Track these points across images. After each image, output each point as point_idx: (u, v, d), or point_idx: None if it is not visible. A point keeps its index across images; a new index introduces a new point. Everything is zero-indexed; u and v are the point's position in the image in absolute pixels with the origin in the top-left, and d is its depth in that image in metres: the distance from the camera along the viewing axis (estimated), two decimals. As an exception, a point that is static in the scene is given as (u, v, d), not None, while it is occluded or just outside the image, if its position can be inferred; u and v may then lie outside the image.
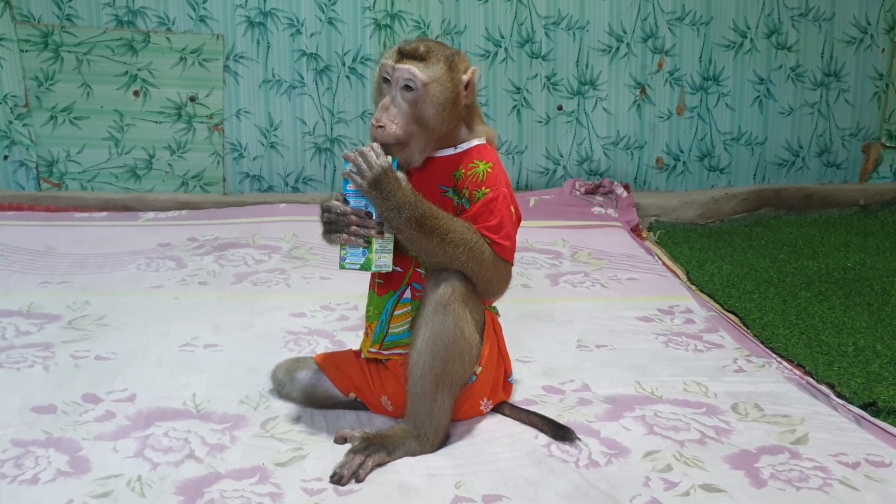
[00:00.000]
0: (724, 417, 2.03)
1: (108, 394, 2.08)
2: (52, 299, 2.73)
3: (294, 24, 3.91)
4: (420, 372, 1.81)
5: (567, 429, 1.91)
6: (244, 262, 3.15)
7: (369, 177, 1.74)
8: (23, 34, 3.83)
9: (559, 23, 4.00)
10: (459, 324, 1.81)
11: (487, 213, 1.84)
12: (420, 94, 1.81)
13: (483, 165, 1.86)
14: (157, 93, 3.92)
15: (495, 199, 1.84)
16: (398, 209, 1.75)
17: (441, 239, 1.77)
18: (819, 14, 4.08)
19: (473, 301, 1.87)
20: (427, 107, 1.81)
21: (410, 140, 1.83)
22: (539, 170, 4.12)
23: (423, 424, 1.83)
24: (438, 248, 1.78)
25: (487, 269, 1.83)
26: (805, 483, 1.75)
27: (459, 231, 1.80)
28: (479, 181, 1.85)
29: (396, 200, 1.75)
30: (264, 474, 1.73)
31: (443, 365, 1.80)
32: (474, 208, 1.84)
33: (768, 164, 4.21)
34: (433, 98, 1.81)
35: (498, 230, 1.84)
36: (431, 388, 1.81)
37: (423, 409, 1.82)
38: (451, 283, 1.81)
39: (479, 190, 1.84)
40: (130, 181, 3.99)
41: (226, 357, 2.32)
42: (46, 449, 1.81)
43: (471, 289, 1.85)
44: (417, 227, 1.76)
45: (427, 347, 1.80)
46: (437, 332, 1.80)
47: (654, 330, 2.60)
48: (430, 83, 1.81)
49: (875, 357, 2.46)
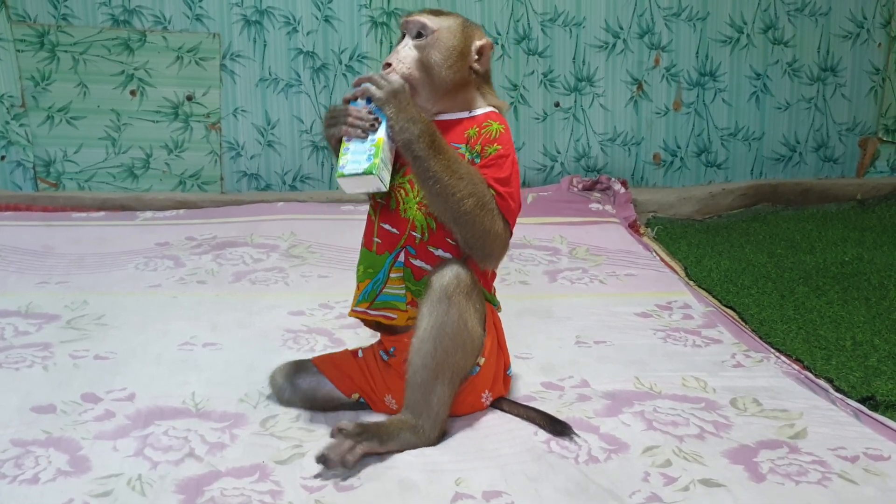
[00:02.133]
0: (722, 412, 2.02)
1: (107, 393, 2.07)
2: (51, 299, 2.73)
3: (290, 22, 3.91)
4: (421, 361, 1.80)
5: (564, 424, 1.90)
6: (242, 260, 3.15)
7: (387, 88, 1.79)
8: (19, 34, 3.83)
9: (556, 19, 4.00)
10: (463, 315, 1.80)
11: (497, 166, 1.86)
12: (430, 39, 1.88)
13: (496, 125, 1.91)
14: (154, 92, 3.92)
15: (506, 157, 1.88)
16: (413, 121, 1.77)
17: (448, 163, 1.77)
18: (815, 9, 4.08)
19: (477, 292, 1.86)
20: (434, 52, 1.87)
21: (417, 85, 1.88)
22: (537, 166, 4.13)
23: (420, 414, 1.82)
24: (444, 175, 1.76)
25: (487, 218, 1.81)
26: (804, 477, 1.75)
27: (467, 166, 1.82)
28: (491, 138, 1.88)
29: (412, 113, 1.78)
30: (264, 472, 1.73)
31: (444, 355, 1.80)
32: (485, 161, 1.87)
33: (765, 160, 4.22)
34: (441, 44, 1.88)
35: (506, 184, 1.86)
36: (431, 377, 1.80)
37: (422, 398, 1.81)
38: (455, 271, 1.81)
39: (490, 146, 1.88)
40: (128, 181, 3.99)
41: (224, 356, 2.32)
42: (46, 448, 1.81)
43: (474, 280, 1.85)
44: (429, 142, 1.77)
45: (430, 336, 1.79)
46: (441, 321, 1.79)
47: (653, 325, 2.60)
48: (440, 30, 1.89)
49: (873, 351, 2.46)
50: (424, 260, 1.89)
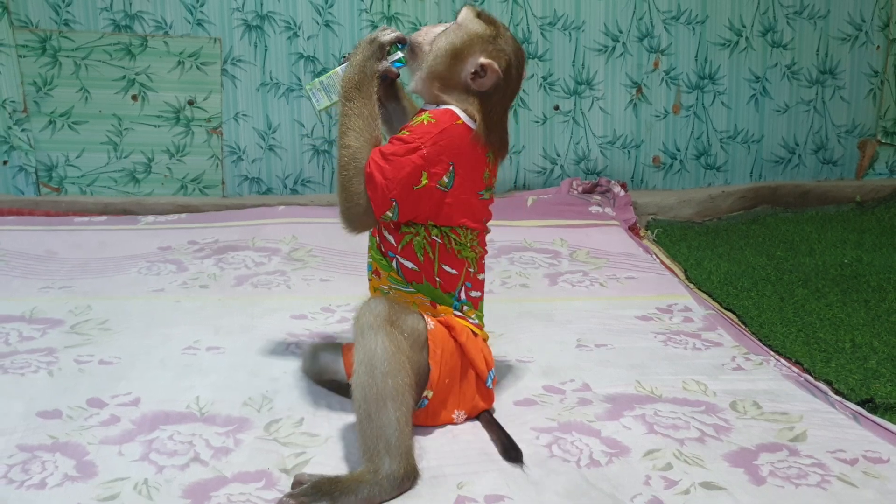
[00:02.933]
0: (723, 416, 2.04)
1: (112, 398, 2.09)
2: (54, 304, 2.74)
3: (291, 26, 3.93)
4: (362, 394, 1.72)
5: (518, 451, 1.84)
6: (244, 264, 3.16)
7: (369, 36, 1.96)
8: (21, 39, 3.84)
9: (555, 23, 4.02)
10: (394, 340, 1.76)
11: (391, 143, 1.89)
12: (449, 28, 1.96)
13: (425, 116, 1.91)
14: (156, 97, 3.93)
15: (402, 141, 1.87)
16: (354, 66, 1.93)
17: (350, 112, 1.90)
18: (814, 12, 4.10)
19: (403, 319, 1.84)
20: (441, 39, 1.94)
21: (418, 58, 1.97)
22: (536, 169, 4.14)
23: (378, 452, 1.68)
24: (343, 118, 1.90)
25: (350, 173, 1.87)
26: (804, 480, 1.76)
27: (368, 125, 1.90)
28: (411, 125, 1.92)
29: (357, 60, 1.94)
30: (270, 480, 1.74)
31: (383, 378, 1.71)
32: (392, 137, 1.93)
33: (765, 162, 4.23)
34: (448, 37, 1.94)
35: (384, 158, 1.86)
36: (377, 405, 1.70)
37: (374, 431, 1.69)
38: (376, 307, 1.80)
39: (405, 129, 1.92)
40: (130, 185, 4.00)
41: (228, 360, 2.33)
42: (53, 454, 1.82)
43: (396, 308, 1.84)
44: (346, 88, 1.91)
45: (364, 368, 1.74)
46: (370, 349, 1.74)
47: (653, 329, 2.61)
48: (461, 25, 1.95)
49: (872, 353, 2.47)
50: (381, 238, 2.01)
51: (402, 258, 1.96)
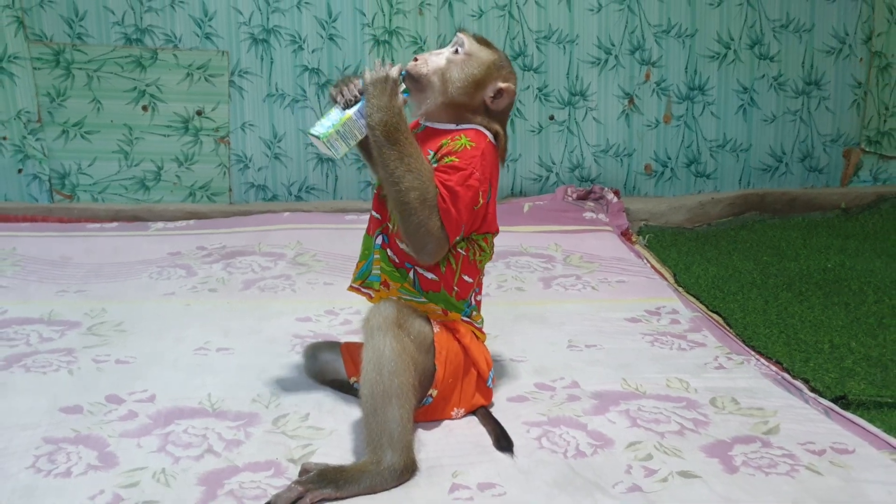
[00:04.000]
0: (702, 411, 2.14)
1: (129, 395, 2.19)
2: (71, 307, 2.83)
3: (296, 40, 4.04)
4: (369, 390, 1.83)
5: (509, 442, 1.96)
6: (251, 269, 3.25)
7: (374, 76, 1.92)
8: (35, 52, 3.93)
9: (550, 37, 4.13)
10: (401, 341, 1.86)
11: (447, 174, 1.92)
12: (460, 58, 2.02)
13: (465, 140, 1.98)
14: (165, 107, 4.02)
15: (458, 170, 1.92)
16: (380, 110, 1.89)
17: (401, 155, 1.88)
18: (799, 25, 4.21)
19: (411, 323, 1.94)
20: (456, 70, 2.01)
21: (427, 88, 2.02)
22: (532, 177, 4.25)
23: (381, 445, 1.79)
24: (395, 164, 1.88)
25: (424, 213, 1.88)
26: (774, 469, 1.87)
27: (421, 161, 1.90)
28: (452, 150, 1.96)
29: (383, 102, 1.90)
30: (279, 469, 1.85)
31: (390, 377, 1.81)
32: (438, 167, 1.94)
33: (753, 170, 4.34)
34: (465, 67, 2.01)
35: (451, 192, 1.91)
36: (382, 402, 1.81)
37: (379, 425, 1.80)
38: (383, 310, 1.90)
39: (449, 156, 1.95)
40: (140, 192, 4.10)
41: (237, 360, 2.43)
42: (76, 445, 1.92)
43: (405, 311, 1.93)
44: (387, 132, 1.89)
45: (372, 366, 1.83)
46: (379, 349, 1.84)
47: (641, 330, 2.70)
48: (472, 55, 2.03)
49: (849, 353, 2.56)
50: (392, 250, 2.03)
51: (422, 270, 2.00)
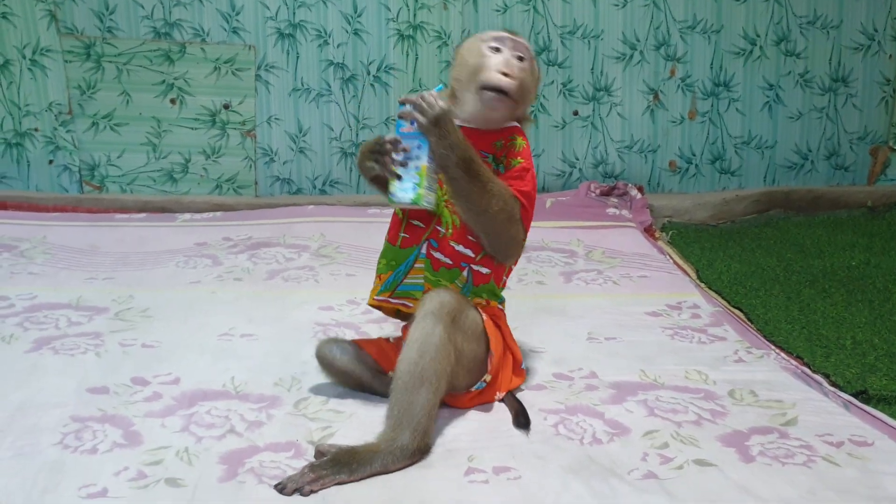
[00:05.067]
0: (720, 402, 2.14)
1: (154, 377, 2.23)
2: (99, 294, 2.89)
3: (322, 35, 4.08)
4: (406, 367, 1.85)
5: (527, 419, 2.00)
6: (275, 259, 3.30)
7: (431, 115, 1.86)
8: (67, 46, 4.01)
9: (574, 32, 4.14)
10: (447, 330, 1.89)
11: (521, 179, 2.03)
12: (527, 65, 2.05)
13: (520, 140, 2.08)
14: (193, 101, 4.08)
15: (527, 170, 2.05)
16: (453, 148, 1.87)
17: (483, 185, 1.91)
18: (827, 22, 4.18)
19: (464, 313, 1.97)
20: (531, 78, 2.07)
21: (515, 101, 2.03)
22: (556, 172, 4.26)
23: (401, 423, 1.82)
24: (478, 194, 1.91)
25: (513, 228, 2.01)
26: (791, 459, 1.87)
27: (499, 183, 1.97)
28: (515, 151, 2.06)
29: (452, 140, 1.87)
30: (298, 450, 1.88)
31: (429, 363, 1.85)
32: (509, 172, 2.03)
33: (778, 167, 4.32)
34: (532, 75, 2.08)
35: (528, 196, 2.04)
36: (415, 382, 1.83)
37: (405, 403, 1.83)
38: (440, 298, 1.92)
39: (515, 158, 2.04)
40: (167, 184, 4.16)
41: (261, 346, 2.47)
42: (102, 424, 1.97)
43: (460, 301, 1.96)
44: (466, 167, 1.89)
45: (415, 346, 1.87)
46: (427, 333, 1.87)
47: (662, 324, 2.70)
48: (534, 61, 2.09)
49: (872, 350, 2.54)
50: (444, 253, 2.05)
51: (477, 266, 2.06)
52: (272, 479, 1.77)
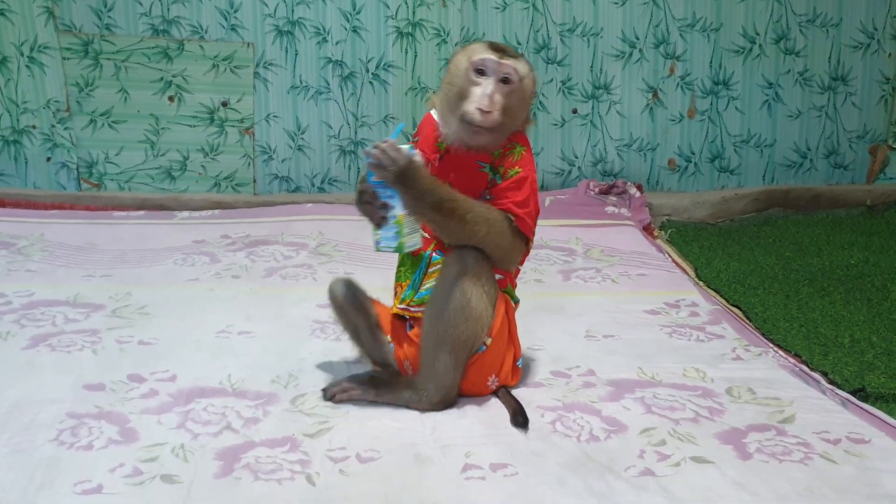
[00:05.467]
0: (718, 399, 2.15)
1: (151, 374, 2.23)
2: (96, 291, 2.89)
3: (320, 32, 4.08)
4: (427, 329, 2.01)
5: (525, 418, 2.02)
6: (273, 257, 3.30)
7: (394, 170, 1.87)
8: (65, 43, 4.00)
9: (574, 29, 4.14)
10: (467, 294, 1.97)
11: (516, 188, 2.03)
12: (515, 87, 2.00)
13: (519, 147, 2.07)
14: (191, 98, 4.07)
15: (525, 179, 2.04)
16: (422, 196, 1.90)
17: (461, 219, 1.94)
18: (826, 20, 4.18)
19: (486, 278, 2.02)
20: (515, 99, 2.01)
21: (500, 128, 2.01)
22: (555, 170, 4.26)
23: (427, 378, 2.02)
24: (459, 227, 1.96)
25: (506, 242, 2.02)
26: (788, 456, 1.87)
27: (479, 211, 1.97)
28: (513, 160, 2.05)
29: (419, 189, 1.90)
30: (294, 444, 1.89)
31: (446, 326, 1.97)
32: (505, 183, 2.03)
33: (777, 166, 4.31)
34: (522, 93, 2.03)
35: (523, 206, 2.03)
36: (435, 344, 1.99)
37: (429, 362, 2.01)
38: (464, 260, 1.99)
39: (512, 168, 2.04)
40: (166, 182, 4.16)
41: (258, 343, 2.47)
42: (98, 421, 1.97)
43: (484, 267, 2.01)
44: (437, 210, 1.92)
45: (436, 308, 1.99)
46: (447, 296, 1.97)
47: (660, 322, 2.71)
48: (524, 79, 2.03)
49: (870, 348, 2.55)
50: None
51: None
52: (267, 475, 1.77)
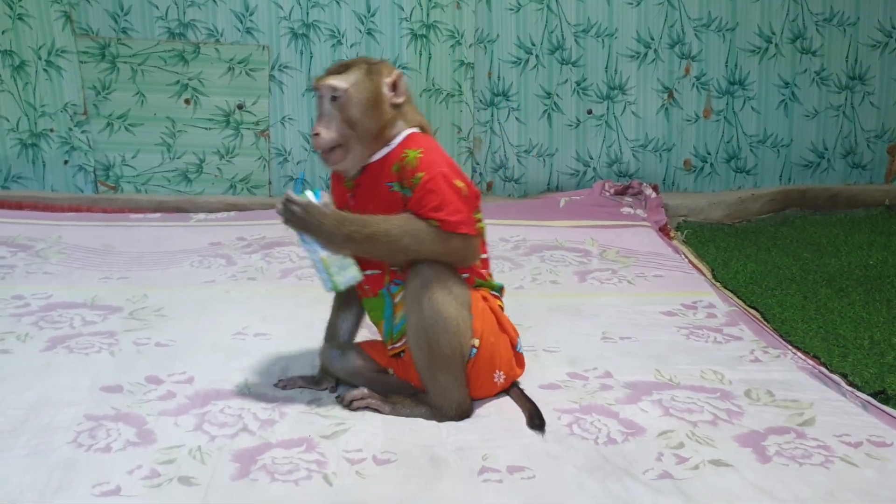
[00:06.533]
0: (736, 402, 2.13)
1: (168, 376, 2.24)
2: (113, 293, 2.91)
3: (335, 35, 4.09)
4: (415, 356, 2.02)
5: (542, 420, 2.01)
6: (289, 259, 3.31)
7: (296, 221, 1.96)
8: (82, 46, 4.04)
9: (588, 30, 4.13)
10: (436, 305, 1.96)
11: (427, 194, 1.96)
12: (344, 99, 1.99)
13: (412, 153, 2.00)
14: (207, 101, 4.10)
15: (432, 180, 1.97)
16: (331, 235, 1.95)
17: (380, 240, 1.95)
18: (843, 19, 4.16)
19: (452, 281, 2.00)
20: (352, 108, 1.99)
21: (349, 143, 2.00)
22: (569, 171, 4.25)
23: (434, 397, 2.03)
24: (384, 248, 1.97)
25: (439, 247, 1.97)
26: (808, 460, 1.86)
27: (396, 226, 1.96)
28: (412, 168, 1.98)
29: (326, 229, 1.95)
30: (311, 445, 1.89)
31: (429, 346, 1.98)
32: (415, 195, 1.97)
33: (794, 166, 4.29)
34: (356, 100, 2.00)
35: (441, 208, 1.97)
36: (427, 368, 2.01)
37: (429, 386, 2.03)
38: (421, 273, 1.97)
39: (413, 176, 1.98)
40: (182, 184, 4.19)
41: (274, 344, 2.48)
42: (116, 423, 1.98)
43: (444, 271, 1.99)
44: (352, 240, 1.95)
45: (413, 335, 2.00)
46: (416, 320, 1.98)
47: (677, 323, 2.69)
48: (350, 87, 2.00)
49: (890, 350, 2.53)
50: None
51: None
52: (284, 476, 1.77)
